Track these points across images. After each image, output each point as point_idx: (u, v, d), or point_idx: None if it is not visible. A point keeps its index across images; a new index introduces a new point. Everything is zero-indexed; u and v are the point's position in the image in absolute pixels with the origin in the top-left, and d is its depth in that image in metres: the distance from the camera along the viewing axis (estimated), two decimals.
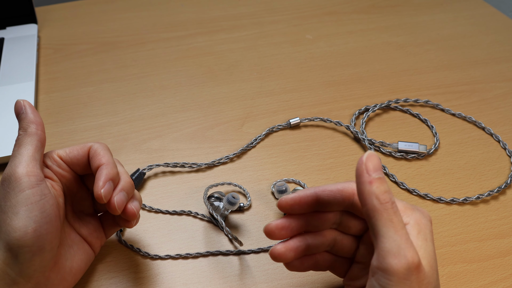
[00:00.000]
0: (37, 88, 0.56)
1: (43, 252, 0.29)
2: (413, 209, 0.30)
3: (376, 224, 0.26)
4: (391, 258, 0.25)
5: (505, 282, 0.37)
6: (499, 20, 0.70)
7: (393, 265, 0.25)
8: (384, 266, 0.26)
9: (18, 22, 0.65)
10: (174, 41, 0.64)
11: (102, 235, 0.36)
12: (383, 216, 0.26)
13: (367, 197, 0.27)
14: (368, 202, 0.27)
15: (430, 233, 0.29)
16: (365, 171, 0.27)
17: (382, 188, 0.27)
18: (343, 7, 0.72)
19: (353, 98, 0.55)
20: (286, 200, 0.31)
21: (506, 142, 0.49)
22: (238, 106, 0.53)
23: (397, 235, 0.26)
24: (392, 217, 0.26)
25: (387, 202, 0.26)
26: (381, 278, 0.26)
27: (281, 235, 0.31)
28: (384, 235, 0.26)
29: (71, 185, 0.34)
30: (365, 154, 0.27)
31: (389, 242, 0.26)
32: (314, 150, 0.48)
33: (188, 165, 0.45)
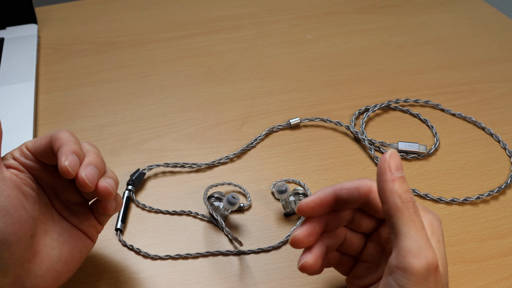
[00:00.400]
0: (37, 88, 0.56)
1: (10, 246, 0.28)
2: (426, 211, 0.30)
3: (397, 223, 0.26)
4: (411, 258, 0.25)
5: (505, 282, 0.37)
6: (499, 20, 0.70)
7: (414, 265, 0.25)
8: (404, 265, 0.25)
9: (18, 22, 0.65)
10: (174, 41, 0.64)
11: (94, 222, 0.35)
12: (405, 215, 0.26)
13: (389, 195, 0.27)
14: (390, 201, 0.27)
15: (442, 235, 0.29)
16: (388, 169, 0.27)
17: (404, 187, 0.27)
18: (343, 7, 0.72)
19: (353, 98, 0.55)
20: (307, 204, 0.30)
21: (506, 142, 0.49)
22: (238, 106, 0.53)
23: (418, 235, 0.26)
24: (414, 216, 0.26)
25: (409, 201, 0.26)
26: (400, 277, 0.26)
27: (308, 242, 0.31)
28: (405, 234, 0.26)
29: (45, 176, 0.33)
30: (388, 152, 0.27)
31: (410, 241, 0.26)
32: (314, 150, 0.48)
33: (188, 165, 0.45)
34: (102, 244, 0.39)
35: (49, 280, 0.30)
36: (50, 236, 0.32)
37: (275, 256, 0.39)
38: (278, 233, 0.40)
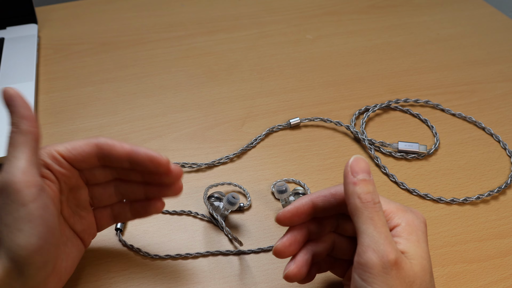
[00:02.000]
0: (37, 88, 0.56)
1: (48, 264, 0.29)
2: (405, 211, 0.30)
3: (357, 221, 0.28)
4: (369, 253, 0.27)
5: (505, 282, 0.37)
6: (499, 20, 0.70)
7: (371, 259, 0.26)
8: (363, 260, 0.27)
9: (18, 22, 0.65)
10: (174, 41, 0.64)
11: (94, 230, 0.35)
12: (364, 214, 0.28)
13: (350, 196, 0.28)
14: (350, 202, 0.28)
15: (424, 235, 0.29)
16: (350, 173, 0.29)
17: (365, 189, 0.28)
18: (343, 7, 0.72)
19: (353, 98, 0.55)
20: (284, 214, 0.32)
21: (506, 142, 0.49)
22: (238, 106, 0.53)
23: (376, 232, 0.27)
24: (373, 215, 0.28)
25: (369, 201, 0.28)
26: (362, 272, 0.27)
27: (290, 252, 0.32)
28: (364, 231, 0.27)
29: (69, 181, 0.33)
30: (351, 158, 0.29)
31: (369, 238, 0.27)
32: (314, 150, 0.48)
33: (188, 165, 0.45)
34: (102, 244, 0.39)
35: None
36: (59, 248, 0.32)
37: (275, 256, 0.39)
38: (278, 233, 0.40)
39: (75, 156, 0.32)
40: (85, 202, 0.35)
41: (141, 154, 0.32)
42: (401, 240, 0.28)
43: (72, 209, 0.34)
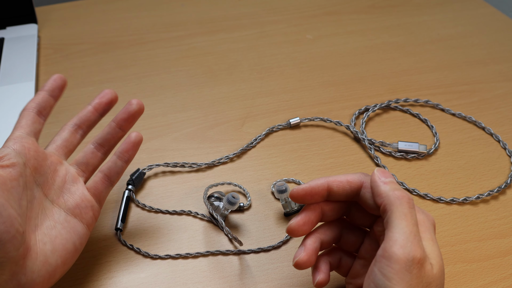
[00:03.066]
0: (37, 88, 0.56)
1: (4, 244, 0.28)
2: (417, 211, 0.30)
3: (391, 216, 0.28)
4: (397, 247, 0.26)
5: (505, 282, 0.37)
6: (499, 20, 0.70)
7: (398, 254, 0.26)
8: (388, 253, 0.27)
9: (18, 22, 0.65)
10: (174, 41, 0.64)
11: (91, 202, 0.35)
12: (398, 209, 0.28)
13: (384, 193, 0.29)
14: (384, 197, 0.29)
15: (434, 236, 0.30)
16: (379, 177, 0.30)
17: (397, 186, 0.29)
18: (343, 7, 0.72)
19: (353, 98, 0.55)
20: (298, 191, 0.32)
21: (506, 142, 0.49)
22: (238, 106, 0.53)
23: (408, 228, 0.27)
24: (408, 211, 0.28)
25: (404, 197, 0.28)
26: (384, 265, 0.27)
27: (304, 231, 0.32)
28: (396, 226, 0.27)
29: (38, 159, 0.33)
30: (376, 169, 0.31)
31: (399, 233, 0.27)
32: (314, 150, 0.48)
33: (188, 165, 0.46)
34: (102, 244, 0.39)
35: (44, 275, 0.30)
36: (41, 231, 0.32)
37: (275, 256, 0.39)
38: (278, 233, 0.40)
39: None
40: (70, 175, 0.35)
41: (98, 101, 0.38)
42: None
43: (59, 187, 0.34)
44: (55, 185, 0.34)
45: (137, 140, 0.38)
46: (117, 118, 0.38)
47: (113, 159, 0.37)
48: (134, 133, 0.38)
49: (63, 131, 0.37)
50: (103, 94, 0.38)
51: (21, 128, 0.34)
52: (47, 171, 0.34)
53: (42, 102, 0.36)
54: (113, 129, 0.38)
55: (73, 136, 0.37)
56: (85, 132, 0.38)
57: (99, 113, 0.38)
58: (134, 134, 0.38)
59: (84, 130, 0.38)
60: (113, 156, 0.38)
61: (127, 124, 0.38)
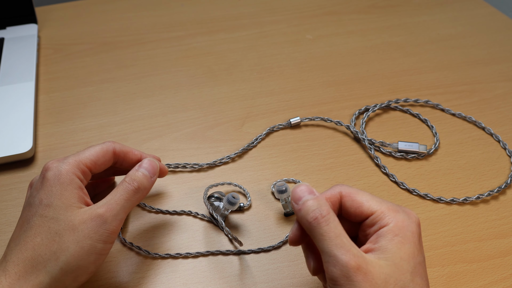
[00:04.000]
0: (37, 88, 0.56)
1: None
2: (397, 211, 0.30)
3: (314, 241, 0.29)
4: (331, 268, 0.28)
5: (505, 282, 0.37)
6: (499, 20, 0.70)
7: (334, 273, 0.27)
8: (329, 276, 0.28)
9: (18, 22, 0.65)
10: (174, 41, 0.64)
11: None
12: (315, 232, 0.29)
13: (301, 221, 0.30)
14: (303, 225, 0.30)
15: (412, 235, 0.29)
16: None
17: (306, 210, 0.29)
18: (343, 7, 0.72)
19: (353, 98, 0.55)
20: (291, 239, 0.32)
21: (506, 142, 0.49)
22: (238, 106, 0.53)
23: (331, 246, 0.28)
24: (323, 230, 0.28)
25: (316, 217, 0.29)
26: (332, 285, 0.28)
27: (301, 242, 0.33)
28: (322, 249, 0.28)
29: None
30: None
31: (327, 254, 0.28)
32: (314, 150, 0.48)
33: (189, 166, 0.45)
34: None
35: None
36: None
37: (275, 256, 0.39)
38: (278, 233, 0.40)
39: (99, 167, 0.36)
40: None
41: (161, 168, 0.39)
42: (383, 241, 0.29)
43: None
44: None
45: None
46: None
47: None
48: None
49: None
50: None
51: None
52: None
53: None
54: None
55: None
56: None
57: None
58: None
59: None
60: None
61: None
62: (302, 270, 0.37)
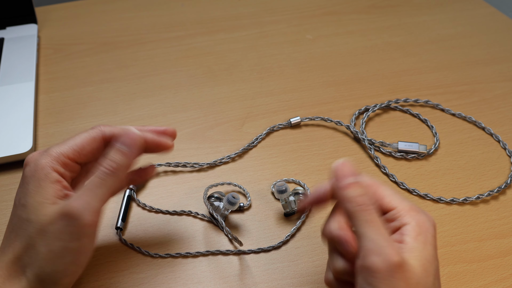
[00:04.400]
0: (37, 88, 0.56)
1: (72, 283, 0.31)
2: (418, 211, 0.30)
3: (356, 225, 0.28)
4: (373, 256, 0.26)
5: (505, 282, 0.37)
6: (499, 20, 0.70)
7: (375, 263, 0.26)
8: (367, 264, 0.27)
9: (18, 22, 0.65)
10: (174, 41, 0.64)
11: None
12: (361, 218, 0.28)
13: (344, 201, 0.29)
14: (346, 206, 0.28)
15: (432, 237, 0.29)
16: (339, 177, 0.29)
17: (357, 191, 0.28)
18: (343, 7, 0.72)
19: (353, 98, 0.55)
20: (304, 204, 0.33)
21: (506, 142, 0.49)
22: (238, 106, 0.53)
23: (377, 235, 0.27)
24: (369, 218, 0.28)
25: (363, 204, 0.28)
26: (367, 276, 0.27)
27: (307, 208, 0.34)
28: (364, 235, 0.27)
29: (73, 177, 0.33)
30: (338, 161, 0.29)
31: (370, 241, 0.27)
32: (314, 150, 0.48)
33: (190, 165, 0.46)
34: (102, 244, 0.39)
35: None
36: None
37: (275, 256, 0.39)
38: (278, 233, 0.40)
39: (86, 156, 0.32)
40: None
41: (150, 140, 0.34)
42: (408, 239, 0.28)
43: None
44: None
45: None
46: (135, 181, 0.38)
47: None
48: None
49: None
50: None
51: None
52: None
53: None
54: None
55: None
56: None
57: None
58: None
59: None
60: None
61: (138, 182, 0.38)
62: (302, 270, 0.38)
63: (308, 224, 0.41)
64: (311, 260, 0.38)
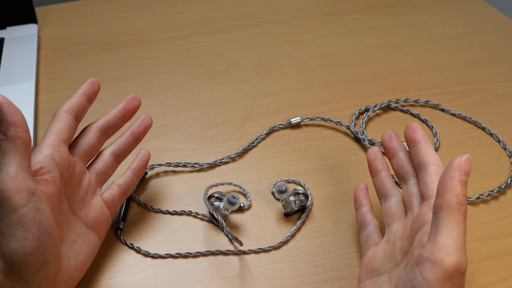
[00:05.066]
0: (37, 88, 0.56)
1: (47, 265, 0.28)
2: None
3: (445, 219, 0.27)
4: (445, 254, 0.26)
5: (505, 282, 0.37)
6: (499, 20, 0.70)
7: (445, 261, 0.25)
8: (435, 258, 0.26)
9: (18, 22, 0.65)
10: (174, 41, 0.64)
11: (107, 216, 0.36)
12: (454, 215, 0.26)
13: (449, 191, 0.27)
14: (446, 196, 0.27)
15: None
16: (460, 169, 0.27)
17: (464, 191, 0.27)
18: (343, 7, 0.72)
19: (353, 98, 0.55)
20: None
21: (506, 142, 0.49)
22: (238, 106, 0.53)
23: (459, 237, 0.26)
24: (462, 220, 0.27)
25: (463, 205, 0.27)
26: (427, 269, 0.26)
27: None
28: (447, 231, 0.26)
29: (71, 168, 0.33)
30: (465, 155, 0.28)
31: (450, 239, 0.26)
32: (314, 150, 0.48)
33: (190, 165, 0.46)
34: (102, 244, 0.39)
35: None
36: (66, 245, 0.32)
37: (275, 256, 0.39)
38: (278, 233, 0.40)
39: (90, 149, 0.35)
40: (91, 186, 0.35)
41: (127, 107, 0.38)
42: None
43: (81, 199, 0.34)
44: (78, 196, 0.34)
45: (148, 157, 0.39)
46: (134, 130, 0.38)
47: (129, 175, 0.38)
48: (145, 151, 0.39)
49: (88, 134, 0.36)
50: (130, 100, 0.38)
51: (58, 134, 0.32)
52: (74, 182, 0.34)
53: (80, 105, 0.35)
54: (130, 141, 0.38)
55: (98, 142, 0.36)
56: (108, 137, 0.38)
57: (125, 119, 0.38)
58: (146, 152, 0.39)
59: (109, 136, 0.37)
60: (129, 171, 0.38)
61: (142, 136, 0.39)
62: (302, 270, 0.38)
63: (308, 224, 0.41)
64: (311, 260, 0.38)
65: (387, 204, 0.36)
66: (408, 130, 0.36)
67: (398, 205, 0.35)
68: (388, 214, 0.35)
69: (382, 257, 0.33)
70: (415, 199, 0.34)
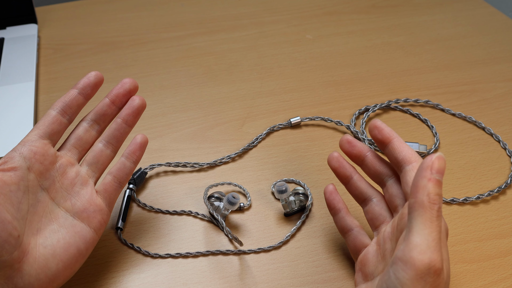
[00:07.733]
0: (37, 88, 0.56)
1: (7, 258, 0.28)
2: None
3: (416, 218, 0.27)
4: (416, 253, 0.26)
5: (505, 282, 0.37)
6: (499, 20, 0.70)
7: (416, 260, 0.25)
8: (406, 258, 0.26)
9: (18, 22, 0.65)
10: (174, 41, 0.64)
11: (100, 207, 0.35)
12: (426, 214, 0.26)
13: (420, 191, 0.27)
14: (418, 196, 0.27)
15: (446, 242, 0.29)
16: (431, 168, 0.27)
17: (436, 189, 0.27)
18: (343, 7, 0.72)
19: (353, 98, 0.55)
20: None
21: (506, 142, 0.49)
22: (238, 106, 0.53)
23: (431, 236, 0.26)
24: (434, 219, 0.26)
25: (435, 203, 0.27)
26: (399, 269, 0.26)
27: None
28: (419, 231, 0.26)
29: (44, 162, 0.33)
30: (436, 154, 0.28)
31: (421, 238, 0.26)
32: (314, 150, 0.48)
33: (190, 165, 0.46)
34: (102, 243, 0.39)
35: (43, 279, 0.30)
36: (43, 235, 0.32)
37: (275, 256, 0.39)
38: (278, 233, 0.40)
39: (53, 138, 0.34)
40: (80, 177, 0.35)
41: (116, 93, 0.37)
42: None
43: (66, 190, 0.34)
44: (62, 188, 0.34)
45: (144, 141, 0.37)
46: (122, 114, 0.37)
47: (122, 161, 0.37)
48: (139, 135, 0.38)
49: (77, 128, 0.36)
50: (121, 84, 0.37)
51: (36, 129, 0.34)
52: (55, 174, 0.34)
53: (69, 100, 0.35)
54: (120, 125, 0.37)
55: (88, 134, 0.36)
56: (102, 128, 0.37)
57: (116, 106, 0.37)
58: (140, 136, 0.37)
59: (101, 126, 0.37)
60: (121, 158, 0.37)
61: (134, 119, 0.37)
62: (302, 270, 0.38)
63: (308, 224, 0.41)
64: (311, 260, 0.38)
65: (369, 207, 0.35)
66: (374, 131, 0.34)
67: (380, 205, 0.35)
68: (373, 217, 0.35)
69: (375, 261, 0.32)
70: (398, 199, 0.33)
